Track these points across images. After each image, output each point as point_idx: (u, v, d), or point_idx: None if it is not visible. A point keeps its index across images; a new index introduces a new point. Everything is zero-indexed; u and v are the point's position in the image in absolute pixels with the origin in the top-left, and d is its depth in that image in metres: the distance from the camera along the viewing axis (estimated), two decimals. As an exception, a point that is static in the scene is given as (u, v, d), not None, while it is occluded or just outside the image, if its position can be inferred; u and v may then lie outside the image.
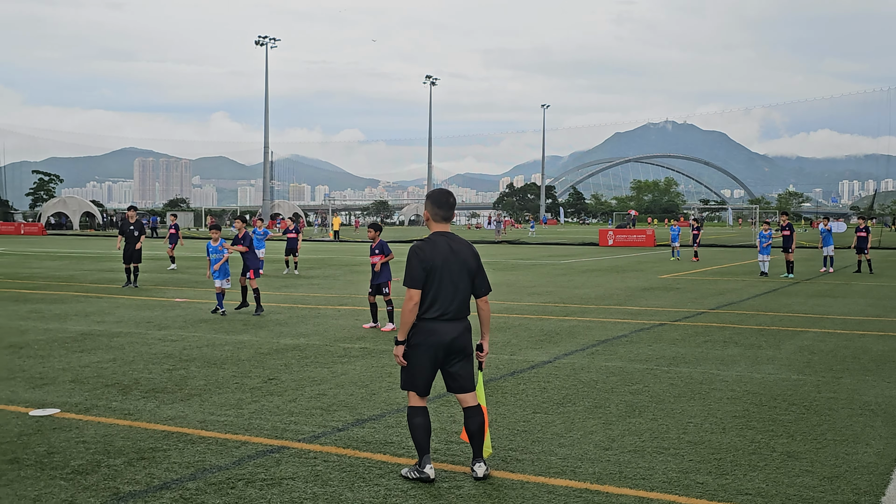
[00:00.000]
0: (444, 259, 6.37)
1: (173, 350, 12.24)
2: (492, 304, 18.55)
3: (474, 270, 6.52)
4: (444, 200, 6.53)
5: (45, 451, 7.07)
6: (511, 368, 10.90)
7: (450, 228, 6.60)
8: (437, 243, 6.42)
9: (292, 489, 6.15)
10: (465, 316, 6.52)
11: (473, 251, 6.57)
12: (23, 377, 10.17)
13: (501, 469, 6.63)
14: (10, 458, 6.86)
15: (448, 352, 6.39)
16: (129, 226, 23.26)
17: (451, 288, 6.38)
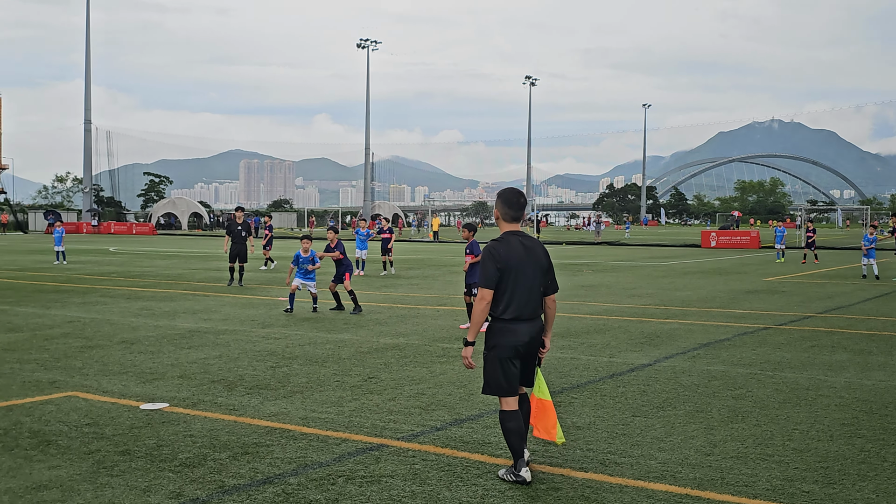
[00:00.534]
0: (519, 259, 6.35)
1: (276, 348, 12.51)
2: (592, 305, 18.40)
3: (546, 269, 6.51)
4: (515, 200, 6.51)
5: (155, 444, 7.32)
6: (610, 371, 10.79)
7: (519, 228, 6.61)
8: (510, 243, 6.40)
9: (391, 487, 6.22)
10: (539, 315, 6.53)
11: (545, 250, 6.57)
12: (134, 372, 10.55)
13: (600, 472, 6.58)
14: (122, 450, 7.12)
15: (525, 351, 6.42)
16: (236, 226, 23.87)
17: (527, 287, 6.37)
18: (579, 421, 8.19)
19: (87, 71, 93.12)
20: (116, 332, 14.08)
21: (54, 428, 7.84)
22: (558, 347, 12.57)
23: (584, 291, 21.86)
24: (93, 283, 24.17)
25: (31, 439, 7.44)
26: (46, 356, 11.66)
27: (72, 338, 13.36)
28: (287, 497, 5.99)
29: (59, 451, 7.07)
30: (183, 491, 6.10)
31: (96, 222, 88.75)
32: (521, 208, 6.53)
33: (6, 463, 6.74)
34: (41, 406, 8.71)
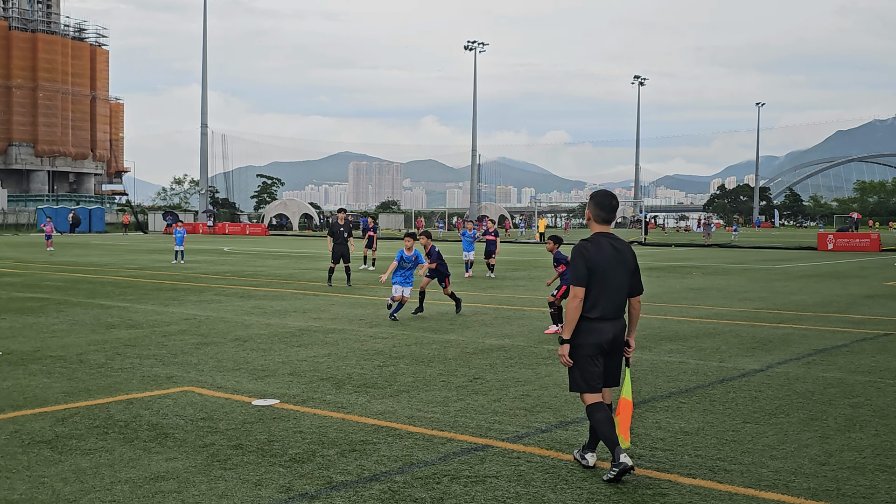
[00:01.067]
0: (608, 259, 6.54)
1: (383, 347, 12.67)
2: (701, 308, 18.04)
3: (633, 271, 6.67)
4: (607, 203, 6.72)
5: (266, 439, 7.51)
6: (720, 376, 10.56)
7: (610, 230, 6.76)
8: (600, 243, 6.58)
9: (496, 487, 6.23)
10: (623, 315, 6.69)
11: (633, 252, 6.73)
12: (246, 369, 10.85)
13: (709, 479, 6.45)
14: (235, 444, 7.34)
15: (609, 349, 6.59)
16: (339, 227, 24.27)
17: (614, 287, 6.54)
18: (687, 426, 8.05)
19: (203, 76, 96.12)
20: (230, 329, 14.50)
21: (171, 421, 8.12)
22: (666, 351, 12.38)
23: (694, 294, 21.44)
24: (208, 281, 24.94)
25: (150, 432, 7.73)
26: (164, 352, 12.10)
27: (188, 335, 13.82)
28: (393, 495, 6.07)
29: (176, 444, 7.33)
30: (292, 485, 6.25)
31: (212, 223, 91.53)
32: (612, 210, 6.73)
33: (127, 454, 7.03)
34: (159, 400, 9.04)
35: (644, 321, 15.78)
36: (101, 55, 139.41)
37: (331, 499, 5.98)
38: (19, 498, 5.93)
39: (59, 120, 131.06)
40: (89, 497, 5.95)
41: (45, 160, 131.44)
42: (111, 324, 15.10)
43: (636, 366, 11.14)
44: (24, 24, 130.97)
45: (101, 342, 12.94)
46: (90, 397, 9.14)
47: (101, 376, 10.29)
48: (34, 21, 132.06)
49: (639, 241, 60.05)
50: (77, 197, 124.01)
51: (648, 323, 15.53)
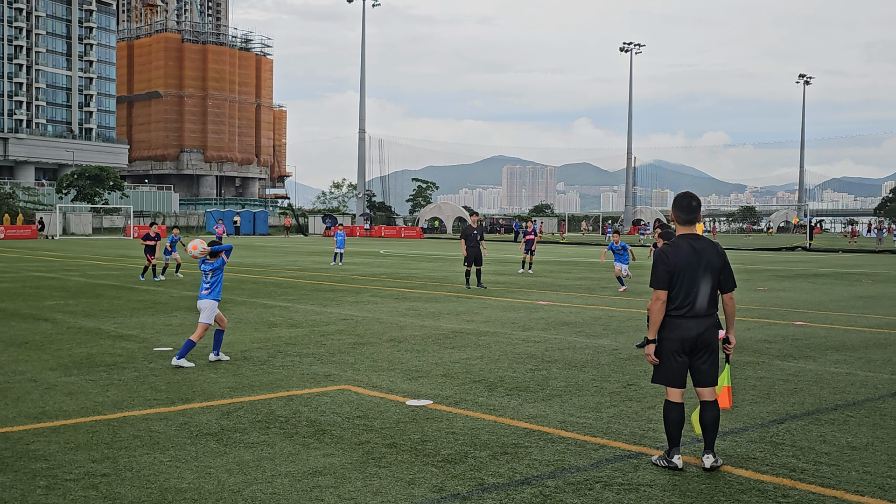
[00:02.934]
0: (687, 260, 6.78)
1: (536, 351, 12.64)
2: (871, 317, 17.16)
3: (719, 269, 6.85)
4: (687, 204, 6.96)
5: (419, 439, 7.62)
6: (892, 389, 10.00)
7: (695, 230, 7.01)
8: (679, 246, 6.85)
9: (650, 496, 6.11)
10: (712, 313, 6.83)
11: (719, 251, 6.91)
12: (401, 369, 11.04)
13: (878, 496, 6.12)
14: (389, 443, 7.48)
15: (694, 346, 6.78)
16: (472, 230, 24.31)
17: (694, 286, 6.77)
18: (855, 441, 7.67)
19: (361, 83, 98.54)
20: (385, 330, 14.80)
21: (329, 418, 8.36)
22: (832, 362, 11.83)
23: (863, 303, 20.41)
24: (364, 283, 25.54)
25: (309, 428, 7.98)
26: (323, 351, 12.46)
27: (345, 334, 14.19)
28: (544, 499, 6.04)
29: (333, 441, 7.54)
30: (444, 486, 6.31)
31: (368, 226, 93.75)
32: (692, 212, 6.99)
33: (287, 448, 7.28)
34: (318, 397, 9.32)
35: (808, 330, 15.14)
36: (266, 64, 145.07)
37: (482, 500, 6.01)
38: (188, 486, 6.24)
39: (226, 127, 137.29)
40: (251, 489, 6.19)
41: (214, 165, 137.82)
42: (273, 322, 15.68)
43: (799, 375, 10.70)
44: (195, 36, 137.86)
45: (264, 340, 13.45)
46: (253, 393, 9.51)
47: (264, 373, 10.70)
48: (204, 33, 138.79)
49: (803, 247, 57.63)
50: (242, 200, 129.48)
51: (813, 332, 14.89)
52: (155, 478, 6.43)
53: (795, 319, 16.79)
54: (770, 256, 47.28)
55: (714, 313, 6.86)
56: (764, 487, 6.31)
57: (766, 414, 8.68)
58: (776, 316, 17.41)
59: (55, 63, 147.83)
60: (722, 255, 6.92)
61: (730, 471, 6.72)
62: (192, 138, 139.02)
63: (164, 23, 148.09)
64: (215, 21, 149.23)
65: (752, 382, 10.31)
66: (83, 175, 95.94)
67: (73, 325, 15.09)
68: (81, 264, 34.39)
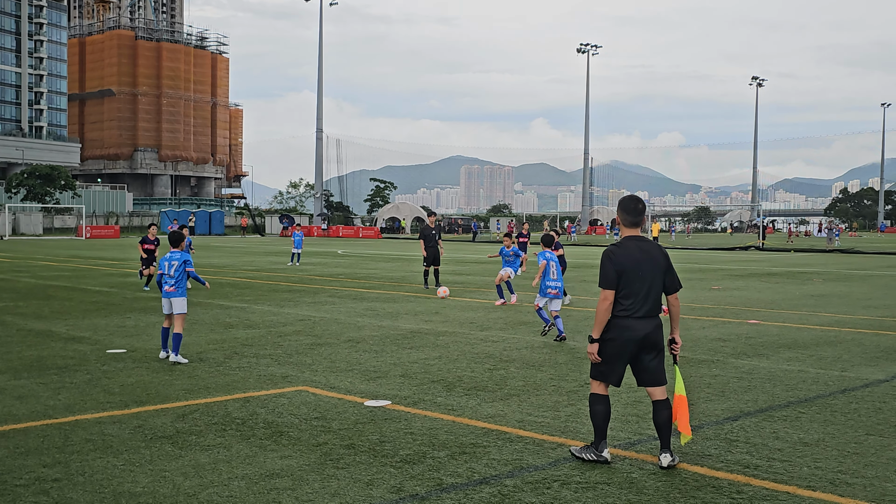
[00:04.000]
0: (635, 261, 6.84)
1: (494, 350, 12.67)
2: (822, 315, 17.44)
3: (664, 270, 6.95)
4: (633, 207, 7.03)
5: (378, 440, 7.60)
6: (842, 385, 10.18)
7: (639, 232, 7.06)
8: (627, 247, 6.91)
9: (606, 494, 6.15)
10: (657, 314, 6.92)
11: (663, 252, 7.03)
12: (359, 370, 11.00)
13: (829, 492, 6.22)
14: (347, 444, 7.45)
15: (640, 347, 6.85)
16: (430, 230, 24.35)
17: (643, 288, 6.84)
18: (807, 437, 7.78)
19: (319, 82, 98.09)
20: (343, 330, 14.74)
21: (286, 420, 8.31)
22: (785, 359, 12.00)
23: (814, 301, 20.74)
24: (322, 283, 25.43)
25: (266, 430, 7.92)
26: (280, 352, 12.38)
27: (303, 335, 14.11)
28: (503, 498, 6.05)
29: (290, 442, 7.49)
30: (403, 486, 6.30)
31: (326, 226, 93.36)
32: (638, 214, 7.04)
33: (243, 451, 7.22)
34: (275, 399, 9.25)
35: (762, 328, 15.35)
36: (222, 63, 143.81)
37: (441, 500, 6.01)
38: (142, 490, 6.16)
39: (181, 126, 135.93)
40: (208, 492, 6.13)
41: (168, 165, 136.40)
42: (229, 324, 15.55)
43: (752, 373, 10.85)
44: (149, 33, 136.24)
45: (220, 341, 13.34)
46: (209, 395, 9.42)
47: (220, 374, 10.61)
48: (159, 31, 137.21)
49: (756, 247, 58.43)
50: (198, 200, 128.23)
51: (766, 330, 15.10)
52: (108, 482, 6.34)
53: (749, 318, 17.01)
54: (724, 256, 47.85)
55: (658, 315, 6.96)
56: (719, 484, 6.38)
57: (720, 411, 8.78)
58: (730, 314, 17.62)
59: (4, 59, 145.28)
60: (666, 256, 7.05)
61: (685, 468, 6.79)
62: (146, 137, 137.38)
63: (118, 20, 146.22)
64: (170, 18, 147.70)
65: (706, 380, 10.42)
66: (33, 174, 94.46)
67: (22, 328, 14.83)
68: (32, 265, 33.85)
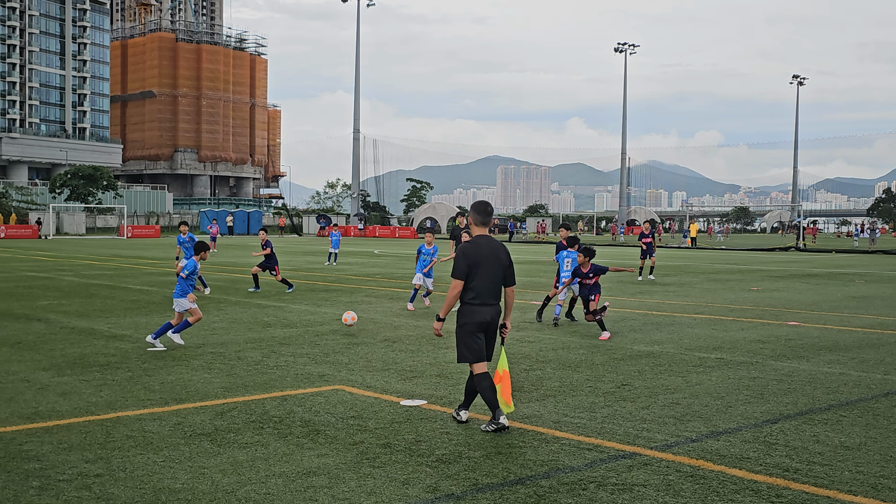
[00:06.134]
0: (485, 257, 8.00)
1: (530, 351, 12.65)
2: (864, 318, 17.21)
3: (506, 266, 8.13)
4: (483, 209, 8.21)
5: (414, 439, 7.62)
6: (885, 389, 10.03)
7: (487, 232, 8.20)
8: (479, 244, 8.08)
9: (643, 496, 6.12)
10: (498, 301, 8.09)
11: (506, 251, 8.19)
12: (395, 369, 11.04)
13: (871, 496, 6.14)
14: (384, 443, 7.48)
15: (486, 328, 8.03)
16: (460, 231, 24.28)
17: (489, 279, 8.00)
18: (848, 441, 7.68)
19: (356, 82, 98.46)
20: (379, 330, 14.79)
21: (323, 419, 8.35)
22: (825, 362, 11.85)
23: (856, 303, 20.46)
24: (359, 283, 25.53)
25: (303, 428, 7.98)
26: (317, 351, 12.45)
27: (340, 335, 14.18)
28: (538, 499, 6.04)
29: (327, 441, 7.54)
30: (439, 486, 6.31)
31: (362, 226, 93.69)
32: (488, 215, 8.21)
33: (281, 449, 7.27)
34: (312, 397, 9.31)
35: (802, 330, 15.18)
36: (260, 64, 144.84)
37: (476, 500, 6.01)
38: (181, 487, 6.23)
39: (220, 127, 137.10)
40: (245, 489, 6.19)
41: (208, 165, 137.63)
42: (267, 322, 15.67)
43: (792, 375, 10.74)
44: (189, 35, 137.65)
45: (258, 340, 13.44)
46: (247, 393, 9.51)
47: (258, 373, 10.69)
48: (199, 33, 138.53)
49: (796, 247, 57.72)
50: (236, 200, 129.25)
51: (806, 332, 14.93)
52: (148, 478, 6.42)
53: (789, 319, 16.82)
54: (763, 257, 47.36)
55: (499, 303, 8.10)
56: (758, 487, 6.33)
57: (759, 414, 8.70)
58: (769, 316, 17.44)
59: (49, 62, 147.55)
60: (508, 254, 8.19)
61: (724, 470, 6.74)
62: (186, 138, 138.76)
63: (159, 22, 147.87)
64: (209, 20, 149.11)
65: (745, 382, 10.33)
66: (77, 175, 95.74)
67: (66, 325, 15.05)
68: (75, 264, 34.31)
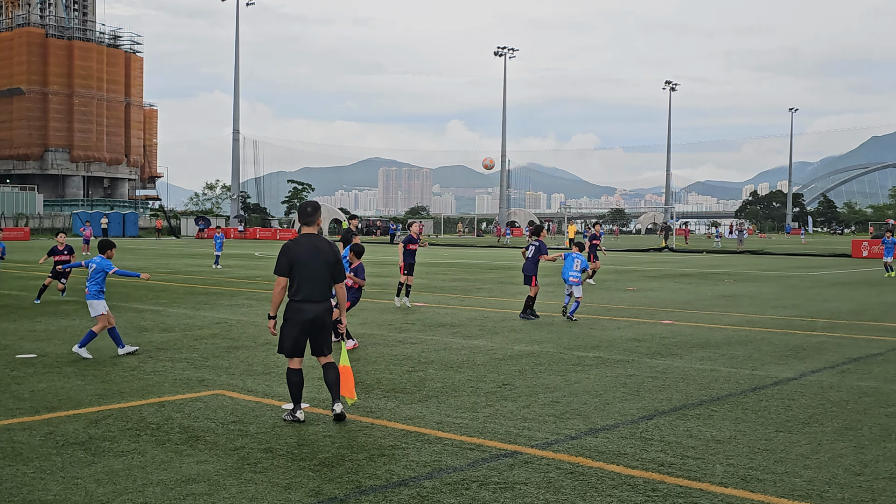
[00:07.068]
0: (306, 254, 8.21)
1: (412, 352, 12.68)
2: (734, 315, 17.90)
3: (332, 263, 8.32)
4: (304, 210, 8.45)
5: (296, 443, 7.54)
6: (752, 384, 10.47)
7: (315, 230, 8.44)
8: (300, 242, 8.29)
9: (525, 494, 6.21)
10: (326, 298, 8.28)
11: (332, 248, 8.39)
12: (277, 373, 10.89)
13: (741, 488, 6.39)
14: (265, 448, 7.37)
15: (312, 325, 8.22)
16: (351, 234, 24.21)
17: (313, 277, 8.19)
18: (719, 434, 7.98)
19: (236, 82, 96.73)
20: (261, 333, 14.58)
21: (203, 424, 8.18)
22: (698, 359, 12.28)
23: (726, 301, 21.28)
24: (239, 286, 25.10)
25: (182, 434, 7.79)
26: (196, 355, 12.18)
27: (219, 338, 13.91)
28: (422, 500, 6.07)
29: (207, 447, 7.38)
30: (322, 489, 6.27)
31: (242, 228, 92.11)
32: (309, 216, 8.43)
33: (158, 456, 7.08)
34: (191, 403, 9.10)
35: (675, 328, 15.68)
36: (136, 62, 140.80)
37: (359, 503, 5.99)
38: (53, 499, 5.99)
39: (94, 126, 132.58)
40: (122, 499, 6.00)
41: (81, 165, 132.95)
42: (144, 327, 15.23)
43: (666, 372, 11.08)
44: (60, 31, 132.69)
45: (134, 345, 13.04)
46: (123, 400, 9.22)
47: (134, 379, 10.39)
48: (70, 28, 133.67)
49: (668, 248, 59.61)
50: (111, 202, 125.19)
51: (680, 330, 15.44)
52: (18, 490, 6.16)
53: (663, 318, 17.36)
54: (638, 257, 48.76)
55: (329, 299, 8.32)
56: (634, 482, 6.51)
57: (635, 410, 8.94)
58: (645, 315, 17.96)
59: None
60: (336, 252, 8.36)
61: (602, 467, 6.90)
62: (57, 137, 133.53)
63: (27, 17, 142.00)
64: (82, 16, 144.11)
65: (622, 380, 10.61)
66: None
67: (-74, 333, 14.29)
68: (-65, 268, 32.60)
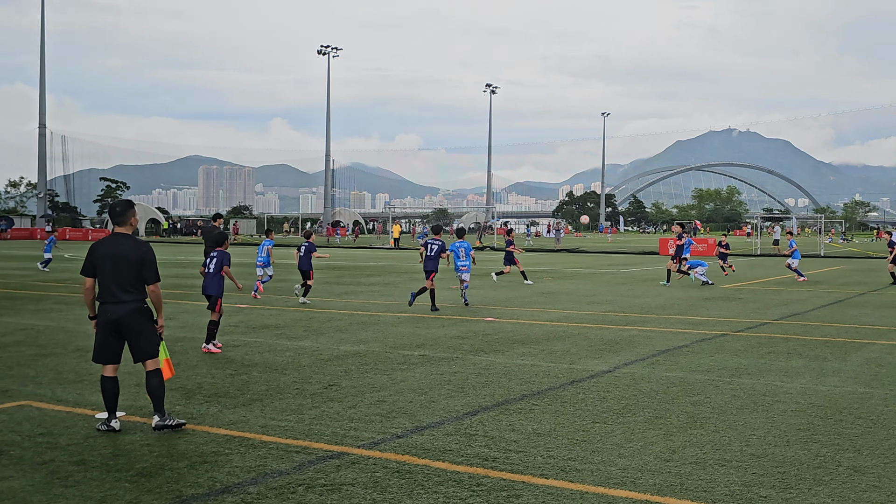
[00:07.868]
0: (109, 254, 7.99)
1: (235, 355, 12.40)
2: (552, 312, 18.48)
3: (137, 264, 8.01)
4: (114, 210, 8.24)
5: (111, 454, 7.21)
6: (570, 378, 10.83)
7: (128, 230, 8.22)
8: (106, 243, 8.12)
9: (352, 495, 6.18)
10: (133, 300, 8.00)
11: (139, 249, 8.07)
12: (89, 381, 10.39)
13: (561, 479, 6.59)
14: (77, 460, 7.01)
15: (118, 328, 7.97)
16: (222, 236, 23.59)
17: (114, 278, 7.95)
18: (540, 427, 8.21)
19: (41, 74, 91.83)
20: (71, 339, 13.87)
21: (6, 438, 7.69)
22: (519, 354, 12.60)
23: (545, 298, 21.94)
24: (47, 289, 23.81)
25: (-17, 449, 7.29)
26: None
27: (25, 346, 13.14)
28: (246, 506, 5.92)
29: (12, 462, 6.94)
30: (140, 501, 6.01)
31: (50, 228, 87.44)
32: (119, 215, 8.16)
33: (-43, 474, 6.60)
34: (-6, 415, 8.54)
35: (497, 325, 16.03)
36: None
37: (180, 513, 5.79)
38: None
39: None
40: (-85, 522, 5.56)
41: None
42: (-60, 335, 14.19)
43: (490, 369, 11.30)
44: None
45: (-71, 355, 12.14)
46: (-84, 414, 8.55)
47: (-71, 392, 9.65)
48: None
49: (491, 247, 60.96)
50: None
51: (501, 327, 15.79)
52: None
53: (486, 316, 17.72)
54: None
55: (137, 300, 8.00)
56: (460, 478, 6.59)
57: (460, 407, 9.07)
58: (468, 313, 18.28)
59: None
60: (146, 252, 8.08)
61: (428, 464, 6.95)
62: None
63: None
64: None
65: (447, 377, 10.74)
66: None
67: None
68: None
